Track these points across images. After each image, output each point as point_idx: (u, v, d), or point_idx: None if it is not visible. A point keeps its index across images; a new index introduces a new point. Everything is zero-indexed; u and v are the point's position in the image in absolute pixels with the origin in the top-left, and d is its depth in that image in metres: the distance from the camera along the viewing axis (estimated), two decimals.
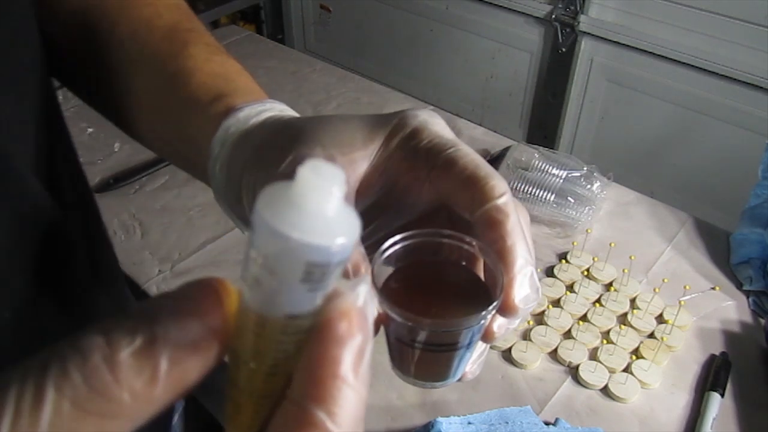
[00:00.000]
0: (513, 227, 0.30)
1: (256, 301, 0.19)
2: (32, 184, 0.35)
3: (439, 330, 0.29)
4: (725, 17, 1.51)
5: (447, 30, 2.07)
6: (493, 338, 0.32)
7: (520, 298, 0.30)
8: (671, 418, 0.67)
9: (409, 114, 0.33)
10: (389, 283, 0.32)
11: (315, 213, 0.18)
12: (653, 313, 0.77)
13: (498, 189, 0.31)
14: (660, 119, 1.72)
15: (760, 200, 0.85)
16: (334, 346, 0.19)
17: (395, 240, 0.32)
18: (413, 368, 0.32)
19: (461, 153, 0.32)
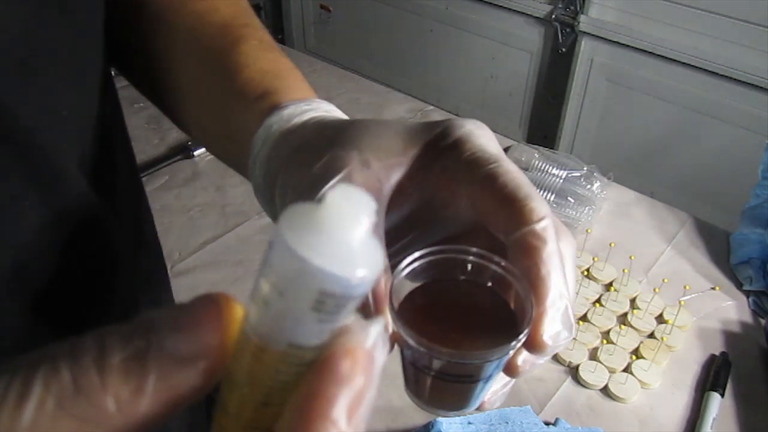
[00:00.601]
0: (550, 256, 0.28)
1: (260, 323, 0.18)
2: (77, 182, 0.35)
3: (456, 361, 0.27)
4: (725, 17, 1.51)
5: (447, 30, 2.07)
6: (517, 373, 0.30)
7: (550, 334, 0.28)
8: (671, 418, 0.67)
9: (455, 123, 0.32)
10: (407, 302, 0.30)
11: (338, 240, 0.17)
12: (653, 313, 0.77)
13: (537, 212, 0.28)
14: (660, 119, 1.72)
15: (760, 200, 0.85)
16: (331, 384, 0.18)
17: (417, 255, 0.30)
18: (427, 394, 0.30)
19: (503, 169, 0.30)
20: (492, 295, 0.31)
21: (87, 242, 0.37)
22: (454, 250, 0.30)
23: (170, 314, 0.19)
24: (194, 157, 1.03)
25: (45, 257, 0.34)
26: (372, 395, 0.19)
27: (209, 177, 1.00)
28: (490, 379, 0.29)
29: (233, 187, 0.98)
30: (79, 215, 0.35)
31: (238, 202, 0.95)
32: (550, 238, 0.28)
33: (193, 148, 1.04)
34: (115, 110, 0.43)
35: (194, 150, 1.03)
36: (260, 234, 0.90)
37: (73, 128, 0.36)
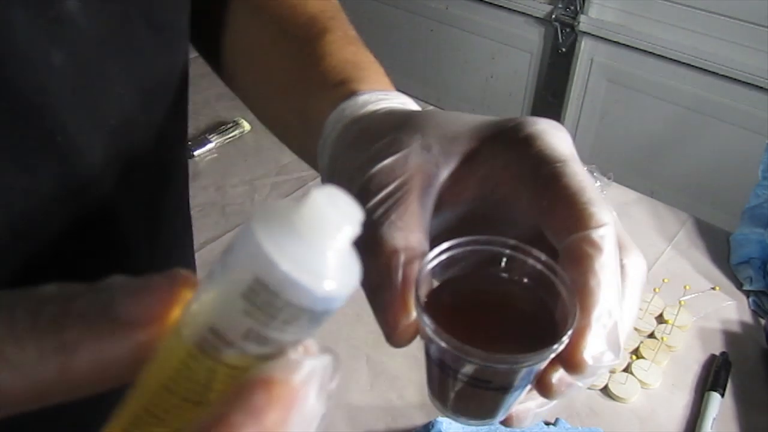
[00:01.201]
0: (604, 266, 0.25)
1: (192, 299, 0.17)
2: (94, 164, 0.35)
3: (484, 364, 0.24)
4: (725, 17, 1.51)
5: (447, 30, 2.07)
6: (550, 392, 0.26)
7: (592, 353, 0.25)
8: (671, 418, 0.67)
9: (527, 120, 0.30)
10: (435, 295, 0.28)
11: (310, 243, 0.16)
12: (653, 313, 0.77)
13: (597, 218, 0.26)
14: (660, 119, 1.72)
15: (760, 200, 0.85)
16: (237, 413, 0.16)
17: (449, 245, 0.27)
18: (450, 399, 0.28)
19: (569, 170, 0.27)
20: (532, 295, 0.28)
21: (95, 227, 0.37)
22: (491, 242, 0.28)
23: (132, 281, 0.18)
24: (194, 157, 1.03)
25: (50, 232, 0.34)
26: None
27: (209, 177, 1.00)
28: (521, 389, 0.26)
29: (233, 187, 0.98)
30: (91, 198, 0.36)
31: (238, 202, 0.95)
32: (608, 248, 0.26)
33: (192, 148, 1.04)
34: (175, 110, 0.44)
35: (194, 150, 1.04)
36: None
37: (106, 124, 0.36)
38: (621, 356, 0.26)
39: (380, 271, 0.27)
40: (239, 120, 1.08)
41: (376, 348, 0.71)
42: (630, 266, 0.28)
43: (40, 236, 0.34)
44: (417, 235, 0.28)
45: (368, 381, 0.68)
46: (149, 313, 0.18)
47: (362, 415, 0.65)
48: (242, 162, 1.03)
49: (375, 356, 0.70)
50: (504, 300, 0.29)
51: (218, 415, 0.16)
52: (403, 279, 0.26)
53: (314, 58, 0.40)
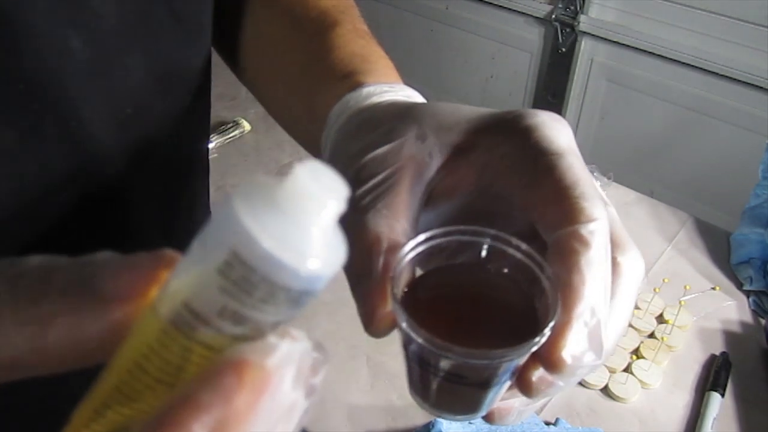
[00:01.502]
0: (590, 263, 0.24)
1: (170, 277, 0.17)
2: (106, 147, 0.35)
3: (461, 360, 0.24)
4: (725, 17, 1.51)
5: (447, 30, 2.07)
6: (530, 390, 0.25)
7: (572, 352, 0.24)
8: (671, 418, 0.67)
9: (527, 112, 0.29)
10: (413, 288, 0.27)
11: (293, 219, 0.15)
12: (653, 313, 0.77)
13: (588, 213, 0.25)
14: (660, 119, 1.72)
15: (760, 200, 0.85)
16: (205, 392, 0.15)
17: (429, 235, 0.26)
18: (430, 396, 0.27)
19: (564, 163, 0.26)
20: (514, 287, 0.27)
21: (107, 215, 0.37)
22: (473, 232, 0.27)
23: (117, 257, 0.18)
24: None
25: (61, 218, 0.34)
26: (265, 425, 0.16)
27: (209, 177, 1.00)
28: (500, 385, 0.26)
29: (233, 187, 0.98)
30: (104, 186, 0.36)
31: None
32: (597, 244, 0.24)
33: None
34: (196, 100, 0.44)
35: None
36: None
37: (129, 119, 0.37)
38: (604, 357, 0.25)
39: (362, 258, 0.26)
40: (239, 120, 1.08)
41: (376, 348, 0.71)
42: (625, 264, 0.27)
43: (52, 221, 0.34)
44: (402, 224, 0.27)
45: (368, 381, 0.68)
46: (129, 289, 0.17)
47: (362, 415, 0.65)
48: (242, 162, 1.03)
49: (375, 356, 0.70)
50: (485, 292, 0.28)
51: (186, 395, 0.15)
52: (383, 267, 0.26)
53: (323, 51, 0.40)
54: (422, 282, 0.27)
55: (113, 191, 0.37)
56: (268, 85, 0.47)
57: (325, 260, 0.16)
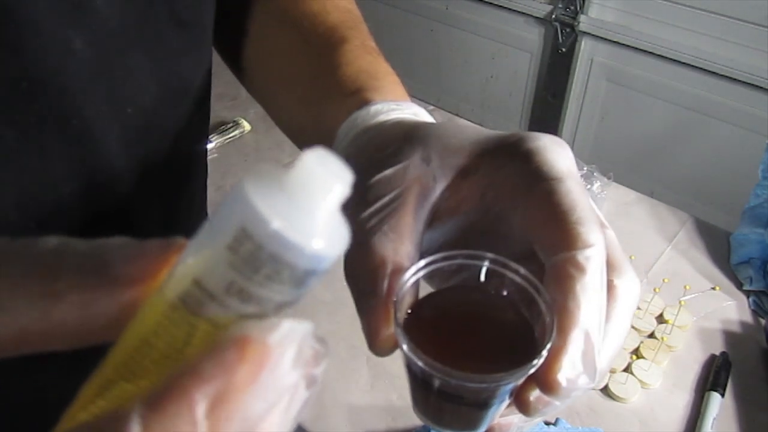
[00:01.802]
0: (585, 288, 0.25)
1: (179, 259, 0.17)
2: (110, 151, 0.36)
3: (461, 383, 0.25)
4: (725, 17, 1.51)
5: (447, 30, 2.07)
6: (528, 410, 0.27)
7: (567, 375, 0.25)
8: (671, 418, 0.67)
9: (529, 135, 0.30)
10: (414, 314, 0.28)
11: (300, 202, 0.16)
12: (653, 313, 0.77)
13: (584, 239, 0.26)
14: (660, 119, 1.72)
15: (760, 200, 0.85)
16: (207, 365, 0.15)
17: (430, 260, 0.28)
18: (432, 413, 0.28)
19: (563, 188, 0.27)
20: (512, 310, 0.28)
21: (107, 214, 0.38)
22: (473, 256, 0.28)
23: (131, 242, 0.19)
24: None
25: (61, 214, 0.35)
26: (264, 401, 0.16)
27: (209, 177, 1.00)
28: (498, 404, 0.27)
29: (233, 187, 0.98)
30: (104, 185, 0.36)
31: None
32: (593, 270, 0.25)
33: None
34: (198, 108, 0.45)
35: None
36: None
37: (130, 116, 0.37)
38: (598, 379, 0.26)
39: (367, 278, 0.27)
40: (239, 120, 1.08)
41: None
42: (621, 287, 0.27)
43: (52, 220, 0.34)
44: (406, 247, 0.28)
45: (368, 381, 0.68)
46: (140, 272, 0.18)
47: (362, 415, 0.65)
48: (242, 162, 1.03)
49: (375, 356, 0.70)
50: (484, 314, 0.29)
51: (189, 366, 0.16)
52: (388, 290, 0.27)
53: (331, 67, 0.41)
54: (424, 305, 0.28)
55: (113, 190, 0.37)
56: (272, 92, 0.47)
57: (329, 241, 0.16)
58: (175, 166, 0.44)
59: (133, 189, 0.39)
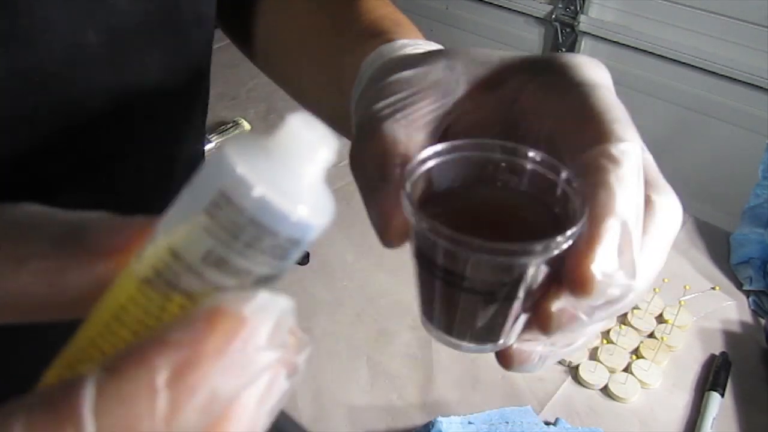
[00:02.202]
0: (620, 180, 0.22)
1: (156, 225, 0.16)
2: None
3: (482, 258, 0.21)
4: (725, 17, 1.51)
5: (447, 30, 2.07)
6: (550, 322, 0.23)
7: (602, 268, 0.21)
8: (671, 418, 0.67)
9: (564, 54, 0.27)
10: (426, 202, 0.25)
11: (284, 166, 0.15)
12: (653, 313, 0.77)
13: (620, 134, 0.23)
14: (660, 119, 1.72)
15: (760, 200, 0.85)
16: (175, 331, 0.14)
17: (445, 146, 0.25)
18: (445, 318, 0.25)
19: (599, 93, 0.24)
20: (533, 201, 0.25)
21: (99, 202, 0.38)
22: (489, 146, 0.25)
23: (114, 218, 0.18)
24: None
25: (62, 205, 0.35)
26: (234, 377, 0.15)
27: None
28: (519, 300, 0.23)
29: None
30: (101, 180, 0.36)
31: None
32: (628, 163, 0.22)
33: None
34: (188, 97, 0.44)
35: None
36: None
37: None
38: (638, 283, 0.22)
39: (377, 164, 0.25)
40: (239, 120, 1.08)
41: (376, 348, 0.71)
42: (660, 203, 0.24)
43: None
44: (420, 135, 0.26)
45: (368, 381, 0.68)
46: (118, 244, 0.17)
47: (362, 415, 0.65)
48: None
49: (375, 356, 0.70)
50: (503, 205, 0.26)
51: (157, 334, 0.15)
52: (400, 174, 0.24)
53: (352, 18, 0.40)
54: (436, 200, 0.25)
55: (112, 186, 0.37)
56: (290, 59, 0.46)
57: (314, 209, 0.15)
58: (175, 166, 0.44)
59: (133, 186, 0.39)
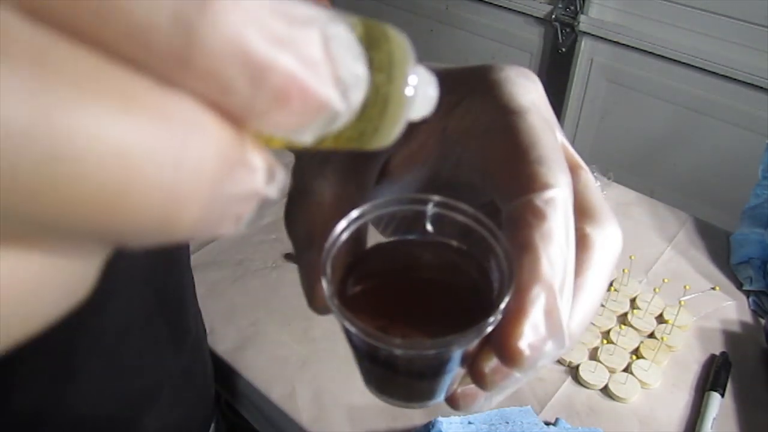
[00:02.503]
0: (545, 238, 0.21)
1: None
2: None
3: (403, 352, 0.21)
4: (725, 17, 1.51)
5: (447, 30, 2.07)
6: (485, 382, 0.22)
7: (529, 341, 0.20)
8: (671, 418, 0.67)
9: (494, 67, 0.25)
10: (351, 272, 0.24)
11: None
12: (653, 313, 0.77)
13: (543, 179, 0.21)
14: (660, 119, 1.72)
15: (760, 200, 0.85)
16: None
17: (361, 211, 0.23)
18: (379, 385, 0.25)
19: (524, 123, 0.23)
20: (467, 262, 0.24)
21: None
22: (410, 201, 0.23)
23: None
24: None
25: None
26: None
27: None
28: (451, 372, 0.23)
29: None
30: None
31: None
32: (554, 215, 0.21)
33: None
34: None
35: None
36: (260, 234, 0.90)
37: None
38: (569, 344, 0.21)
39: (305, 228, 0.24)
40: None
41: None
42: (595, 237, 0.23)
43: None
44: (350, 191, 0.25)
45: None
46: None
47: (362, 415, 0.65)
48: None
49: None
50: (433, 270, 0.25)
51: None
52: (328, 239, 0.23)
53: None
54: (363, 260, 0.24)
55: None
56: None
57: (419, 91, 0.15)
58: None
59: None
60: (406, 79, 0.15)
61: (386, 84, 0.14)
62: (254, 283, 0.82)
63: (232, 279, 0.83)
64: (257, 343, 0.73)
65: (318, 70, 0.12)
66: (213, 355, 0.71)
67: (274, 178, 0.13)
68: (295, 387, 0.68)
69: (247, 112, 0.12)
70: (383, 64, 0.14)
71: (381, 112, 0.14)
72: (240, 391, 0.73)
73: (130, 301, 0.47)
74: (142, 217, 0.11)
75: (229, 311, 0.78)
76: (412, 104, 0.15)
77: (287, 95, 0.12)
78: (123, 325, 0.47)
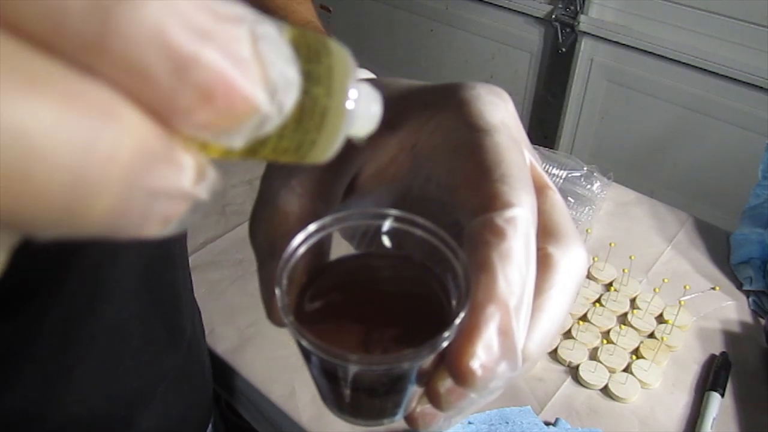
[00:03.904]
0: (504, 257, 0.20)
1: None
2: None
3: (361, 370, 0.20)
4: (725, 17, 1.51)
5: (447, 30, 2.07)
6: (439, 403, 0.22)
7: (483, 362, 0.20)
8: (671, 418, 0.67)
9: (464, 84, 0.26)
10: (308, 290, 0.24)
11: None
12: (653, 313, 0.77)
13: (505, 199, 0.21)
14: (660, 119, 1.72)
15: (760, 200, 0.85)
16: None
17: (318, 226, 0.23)
18: (339, 404, 0.24)
19: (490, 142, 0.23)
20: (426, 277, 0.24)
21: None
22: (370, 215, 0.23)
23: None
24: None
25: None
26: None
27: None
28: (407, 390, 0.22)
29: (233, 187, 0.98)
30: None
31: (238, 202, 0.95)
32: (514, 235, 0.21)
33: None
34: None
35: None
36: None
37: None
38: (527, 367, 0.21)
39: (267, 239, 0.24)
40: None
41: None
42: (558, 257, 0.23)
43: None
44: (315, 203, 0.25)
45: None
46: None
47: None
48: (242, 162, 1.03)
49: None
50: (390, 285, 0.25)
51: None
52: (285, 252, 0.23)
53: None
54: (320, 276, 0.24)
55: None
56: None
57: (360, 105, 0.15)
58: None
59: None
60: (346, 93, 0.15)
61: (325, 96, 0.14)
62: (254, 283, 0.82)
63: (232, 279, 0.83)
64: (257, 343, 0.73)
65: (245, 68, 0.12)
66: (212, 355, 0.71)
67: (205, 179, 0.13)
68: (295, 387, 0.68)
69: (171, 108, 0.11)
70: (323, 77, 0.14)
71: (319, 125, 0.14)
72: (240, 391, 0.73)
73: (124, 300, 0.47)
74: (46, 202, 0.10)
75: (229, 311, 0.78)
76: (352, 119, 0.15)
77: (212, 92, 0.11)
78: (117, 325, 0.47)
